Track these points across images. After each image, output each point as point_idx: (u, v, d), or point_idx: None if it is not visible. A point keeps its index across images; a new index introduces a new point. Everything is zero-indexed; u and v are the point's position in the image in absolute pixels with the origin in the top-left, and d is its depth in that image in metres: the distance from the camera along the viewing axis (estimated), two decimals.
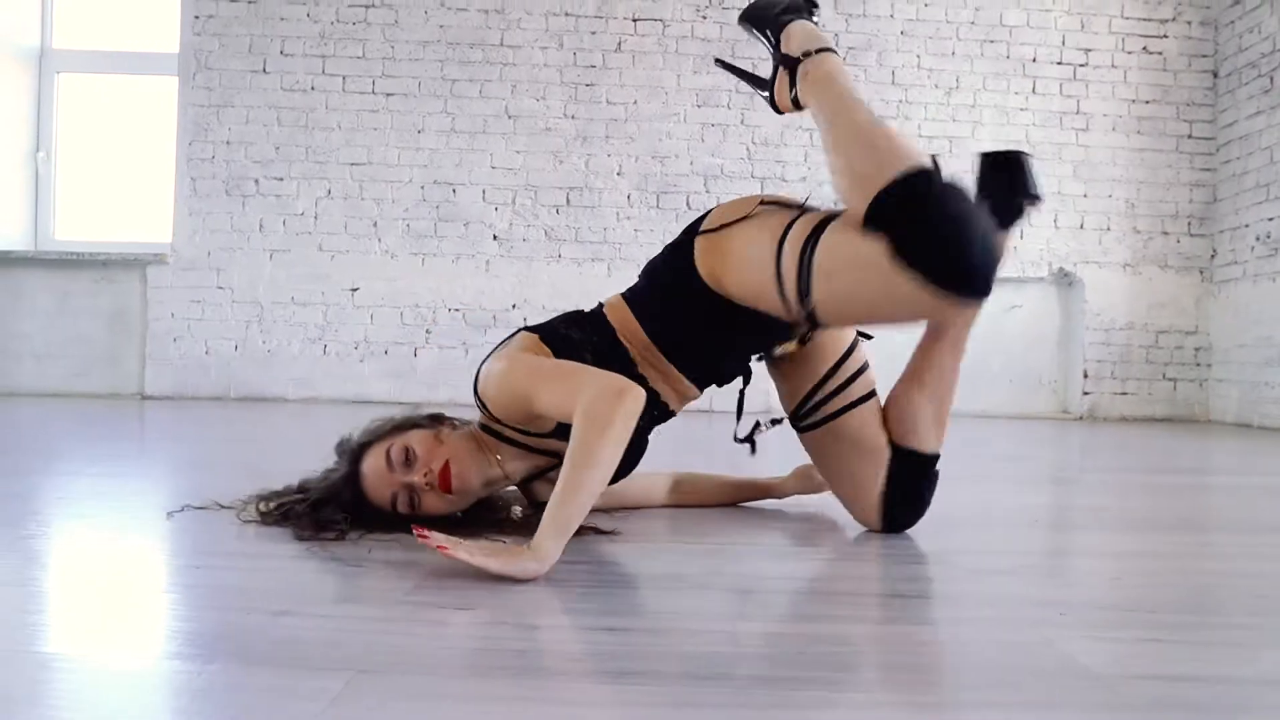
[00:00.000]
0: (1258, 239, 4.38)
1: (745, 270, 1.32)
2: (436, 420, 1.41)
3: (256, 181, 4.51)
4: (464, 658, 0.83)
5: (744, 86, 4.54)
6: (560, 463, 1.19)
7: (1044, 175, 4.60)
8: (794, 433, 1.52)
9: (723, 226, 1.37)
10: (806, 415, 1.47)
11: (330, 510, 1.29)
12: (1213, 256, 4.74)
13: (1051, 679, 0.80)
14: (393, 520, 1.28)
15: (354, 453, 1.34)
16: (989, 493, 2.06)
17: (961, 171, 1.27)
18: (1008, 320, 4.74)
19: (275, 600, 0.98)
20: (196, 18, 4.49)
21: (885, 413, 1.46)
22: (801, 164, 4.59)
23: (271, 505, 1.35)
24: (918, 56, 4.64)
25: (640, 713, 0.71)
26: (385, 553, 1.21)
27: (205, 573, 1.12)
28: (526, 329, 1.42)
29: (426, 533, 1.05)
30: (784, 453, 1.80)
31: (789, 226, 1.27)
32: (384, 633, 0.89)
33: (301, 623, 0.91)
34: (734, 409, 1.54)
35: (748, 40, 4.67)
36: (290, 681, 0.75)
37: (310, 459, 1.46)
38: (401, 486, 1.28)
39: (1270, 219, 4.30)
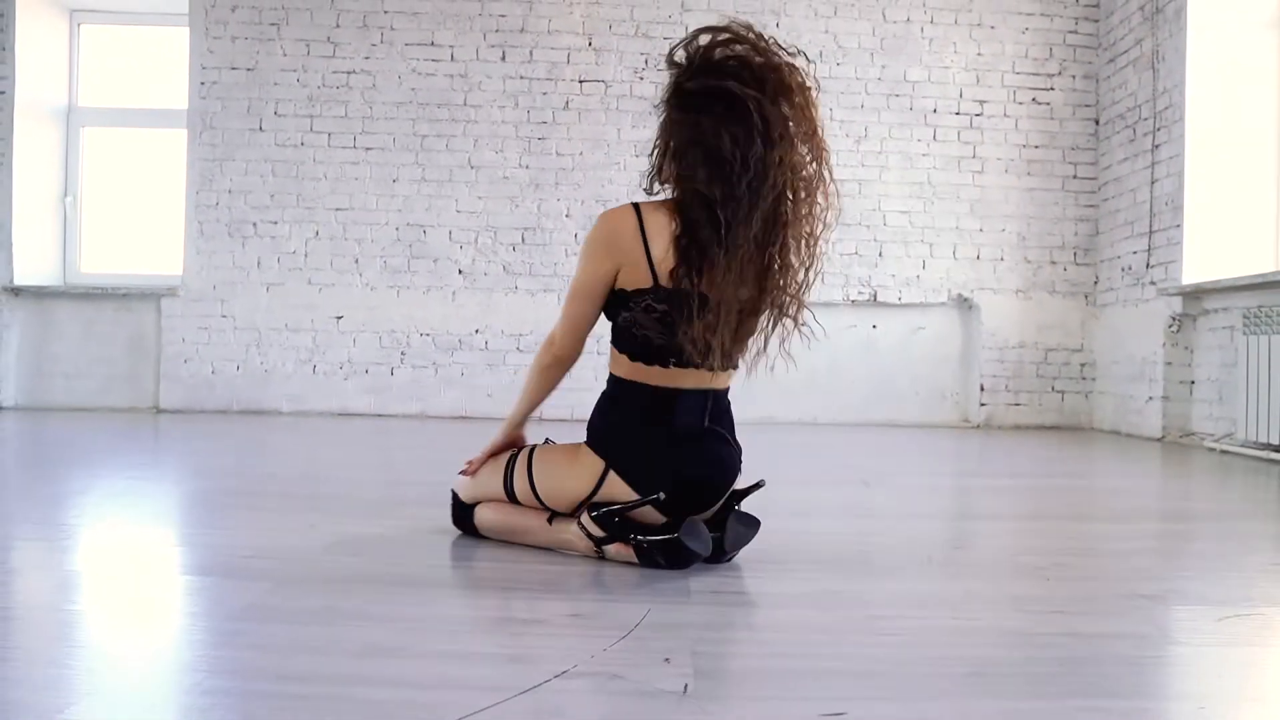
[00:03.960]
0: (1124, 269, 5.01)
1: None
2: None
3: (255, 225, 5.19)
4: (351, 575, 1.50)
5: None
6: None
7: (945, 213, 5.27)
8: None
9: None
10: None
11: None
12: (1095, 283, 5.37)
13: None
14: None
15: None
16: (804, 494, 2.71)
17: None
18: (914, 340, 5.38)
19: (244, 550, 1.66)
20: (203, 83, 5.18)
21: None
22: None
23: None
24: (830, 109, 5.26)
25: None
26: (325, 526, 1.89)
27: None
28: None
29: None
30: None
31: None
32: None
33: (258, 561, 1.58)
34: None
35: None
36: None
37: (306, 464, 2.13)
38: None
39: (1134, 252, 4.92)
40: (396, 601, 1.35)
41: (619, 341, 1.62)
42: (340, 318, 5.18)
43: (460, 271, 5.19)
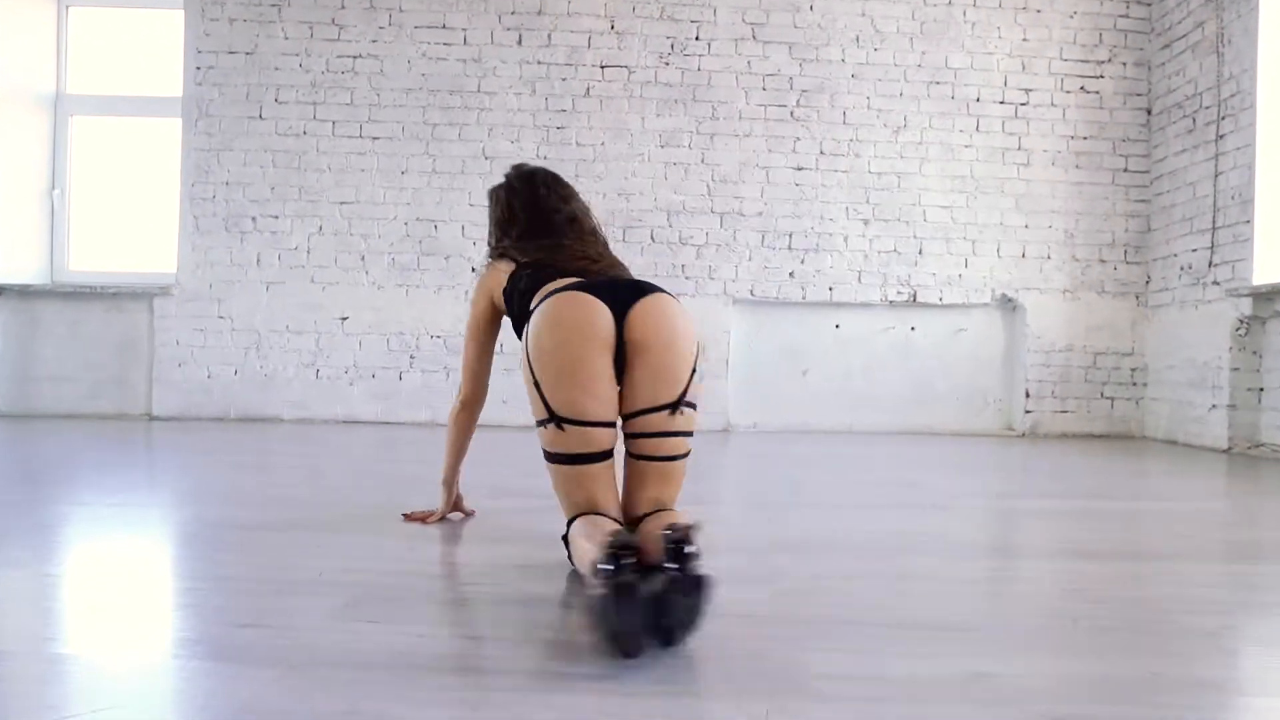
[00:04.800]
0: (1183, 269, 4.70)
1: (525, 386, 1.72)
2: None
3: (254, 219, 4.87)
4: (366, 657, 1.18)
5: (704, 128, 4.89)
6: None
7: (988, 208, 4.96)
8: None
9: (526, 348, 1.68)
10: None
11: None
12: (1147, 283, 5.06)
13: (775, 680, 1.14)
14: None
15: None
16: (853, 519, 2.39)
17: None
18: (954, 343, 5.06)
19: (241, 616, 1.34)
20: (198, 68, 4.86)
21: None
22: (758, 199, 4.93)
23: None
24: (868, 98, 4.96)
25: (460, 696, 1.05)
26: (334, 576, 1.58)
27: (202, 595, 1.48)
28: None
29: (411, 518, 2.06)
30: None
31: (541, 423, 1.60)
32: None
33: (259, 632, 1.26)
34: None
35: (708, 85, 5.02)
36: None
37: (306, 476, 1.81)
38: None
39: (1194, 250, 4.61)
40: (438, 700, 1.03)
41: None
42: (345, 319, 4.86)
43: (474, 269, 4.87)
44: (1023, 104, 5.01)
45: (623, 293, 1.61)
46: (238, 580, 1.55)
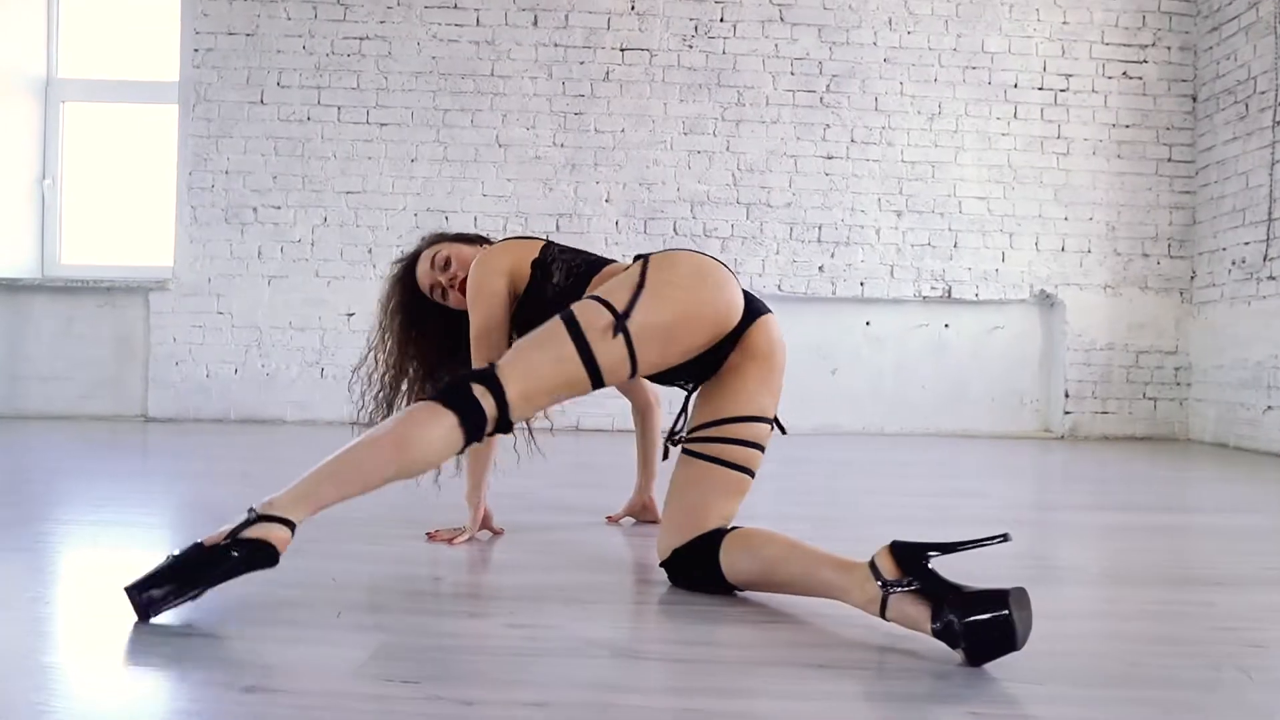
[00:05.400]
0: (1234, 263, 4.46)
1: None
2: (475, 240, 2.00)
3: (255, 210, 4.63)
4: None
5: (729, 114, 4.65)
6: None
7: (1027, 199, 4.72)
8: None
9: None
10: (691, 440, 1.58)
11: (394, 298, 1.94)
12: (1192, 278, 4.82)
13: None
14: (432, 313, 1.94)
15: (415, 252, 1.97)
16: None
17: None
18: (990, 341, 4.83)
19: (245, 675, 1.10)
20: (195, 50, 4.61)
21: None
22: (786, 189, 4.69)
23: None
24: (901, 83, 4.72)
25: None
26: (353, 615, 1.34)
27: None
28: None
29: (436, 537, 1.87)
30: None
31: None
32: (335, 713, 1.00)
33: (264, 697, 1.02)
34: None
35: (734, 69, 4.78)
36: None
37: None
38: (436, 283, 1.90)
39: (1246, 244, 4.37)
40: None
41: None
42: (352, 315, 4.62)
43: None
44: (1062, 90, 4.78)
45: (750, 300, 1.64)
46: (241, 623, 1.31)
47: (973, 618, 1.12)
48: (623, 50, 4.64)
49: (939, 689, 1.10)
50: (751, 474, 1.56)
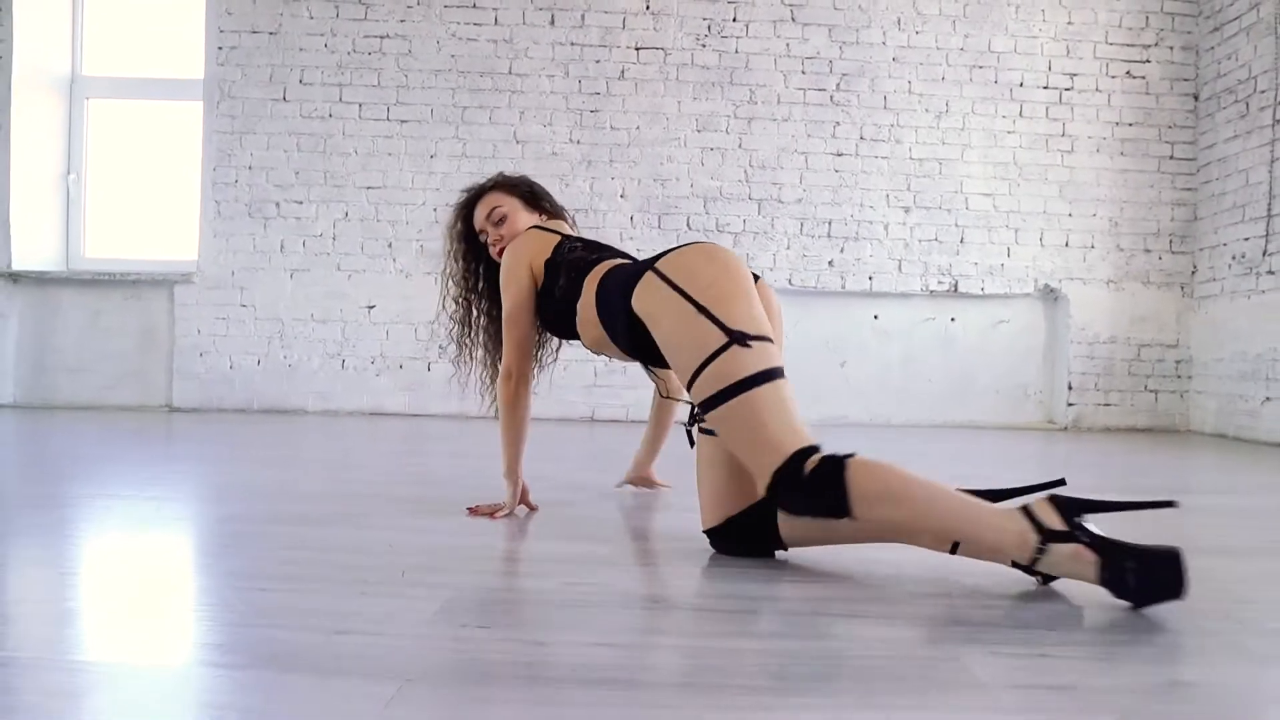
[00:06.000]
0: (1234, 258, 4.57)
1: (671, 337, 1.55)
2: (536, 205, 2.12)
3: (277, 204, 4.74)
4: (482, 668, 1.05)
5: (741, 112, 4.75)
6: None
7: (1031, 196, 4.83)
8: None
9: (671, 284, 1.56)
10: (696, 418, 1.68)
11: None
12: (1193, 273, 4.93)
13: (946, 688, 1.02)
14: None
15: (466, 191, 2.15)
16: None
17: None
18: (995, 334, 4.94)
19: (329, 621, 1.21)
20: (220, 49, 4.71)
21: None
22: (797, 185, 4.79)
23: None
24: (909, 82, 4.83)
25: (616, 713, 0.93)
26: (416, 575, 1.45)
27: (252, 594, 1.35)
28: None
29: (477, 512, 1.95)
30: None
31: (718, 353, 1.47)
32: (422, 648, 1.11)
33: (351, 639, 1.14)
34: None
35: (746, 67, 4.88)
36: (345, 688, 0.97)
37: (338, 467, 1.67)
38: (484, 231, 2.08)
39: (1246, 239, 4.48)
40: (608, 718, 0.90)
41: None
42: (372, 307, 4.73)
43: None
44: (1067, 89, 4.88)
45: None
46: (318, 579, 1.42)
47: (1151, 568, 1.25)
48: (638, 49, 4.74)
49: (971, 632, 1.21)
50: None
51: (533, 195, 2.11)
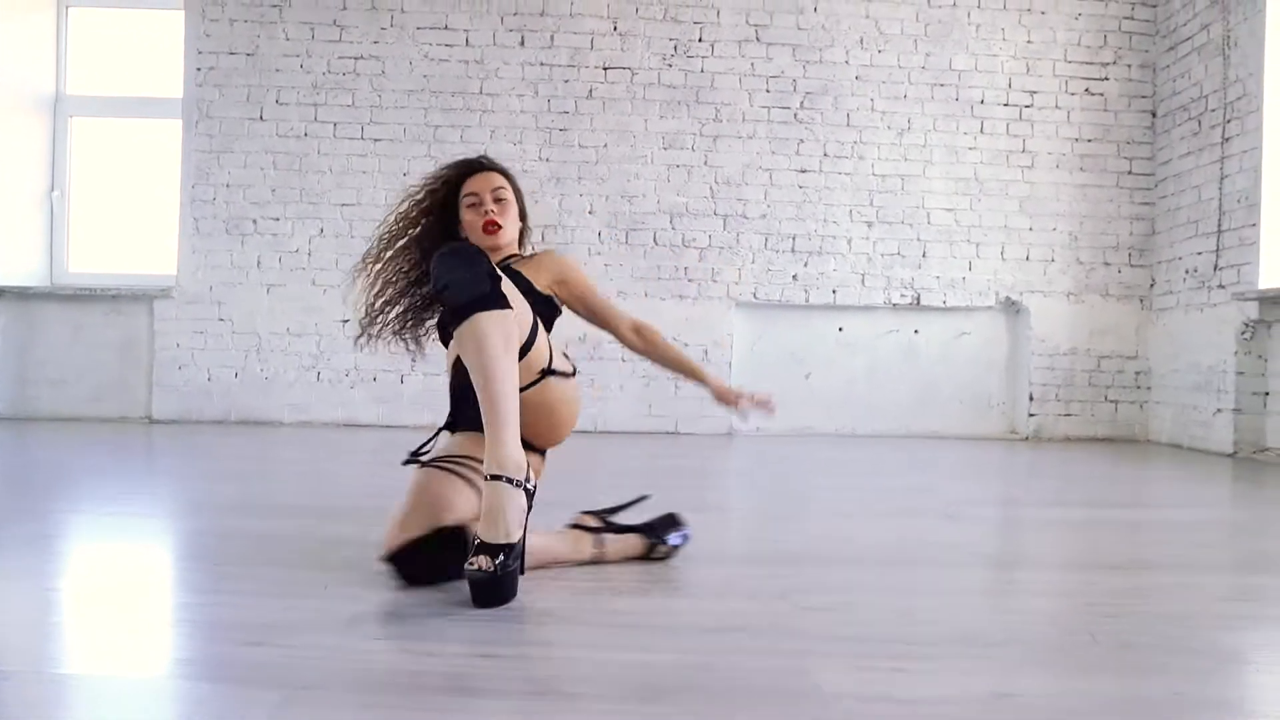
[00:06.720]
0: (1188, 272, 4.68)
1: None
2: (524, 213, 2.03)
3: (254, 221, 4.85)
4: (377, 678, 1.16)
5: (707, 130, 4.86)
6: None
7: (992, 210, 4.94)
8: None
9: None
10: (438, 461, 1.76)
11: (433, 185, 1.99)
12: (1151, 285, 5.04)
13: (789, 700, 1.12)
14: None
15: (482, 159, 2.02)
16: (861, 528, 2.37)
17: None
18: (958, 346, 5.05)
19: (249, 632, 1.32)
20: (199, 69, 4.83)
21: None
22: (761, 201, 4.90)
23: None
24: (871, 100, 4.94)
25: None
26: (338, 589, 1.55)
27: (200, 609, 1.45)
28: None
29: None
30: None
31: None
32: (318, 658, 1.22)
33: (266, 651, 1.24)
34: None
35: (711, 86, 4.97)
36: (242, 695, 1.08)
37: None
38: (477, 205, 1.91)
39: (1199, 253, 4.59)
40: None
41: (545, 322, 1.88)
42: (346, 321, 4.84)
43: None
44: (1027, 106, 4.99)
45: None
46: (239, 595, 1.53)
47: (673, 531, 1.86)
48: (605, 69, 4.86)
49: (827, 646, 1.32)
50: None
51: (523, 209, 2.03)
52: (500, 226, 1.89)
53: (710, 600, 1.58)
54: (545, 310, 1.87)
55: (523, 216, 2.01)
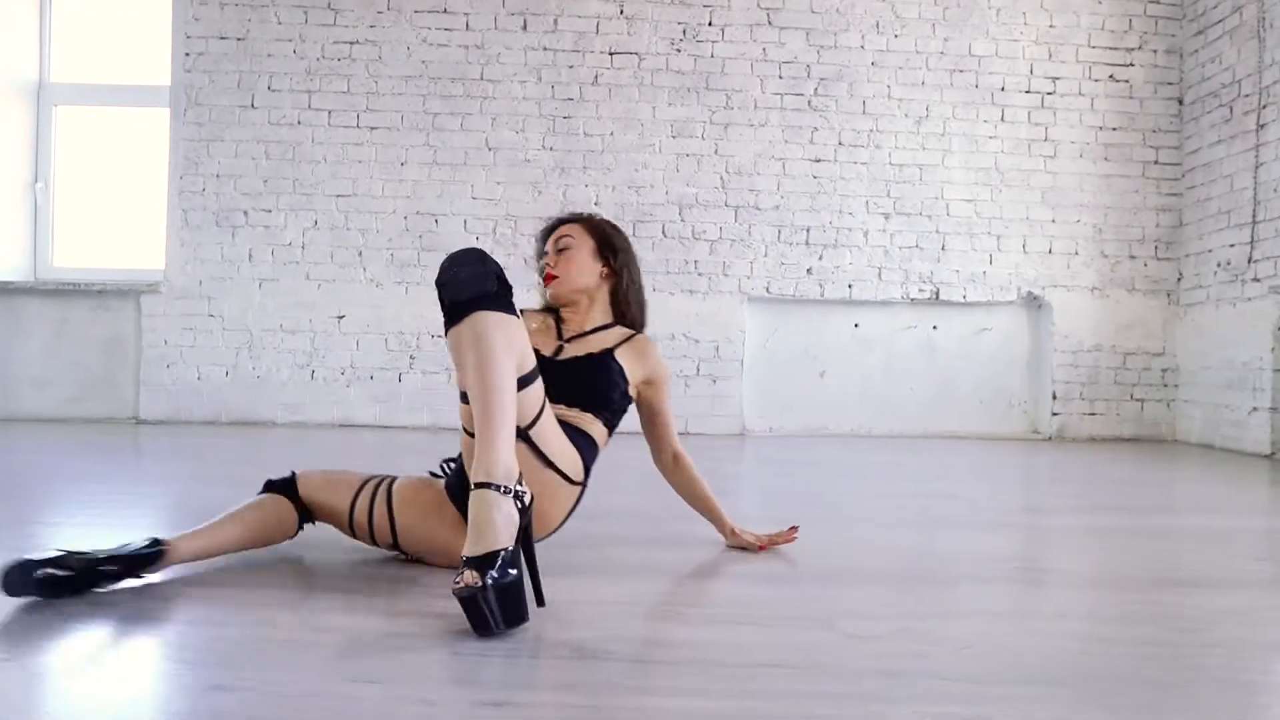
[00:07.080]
0: (1219, 265, 4.49)
1: None
2: (608, 254, 1.86)
3: (246, 213, 4.65)
4: None
5: (717, 117, 4.67)
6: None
7: (1014, 202, 4.75)
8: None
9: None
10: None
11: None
12: (1179, 279, 4.85)
13: None
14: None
15: (560, 215, 1.95)
16: (890, 538, 2.18)
17: None
18: (978, 343, 4.86)
19: (211, 673, 1.13)
20: (187, 55, 4.63)
21: None
22: (774, 192, 4.71)
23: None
24: (888, 86, 4.75)
25: None
26: (325, 618, 1.36)
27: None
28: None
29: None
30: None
31: None
32: (302, 707, 1.03)
33: (230, 696, 1.05)
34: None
35: (722, 72, 4.80)
36: None
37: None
38: (547, 250, 1.86)
39: (1231, 245, 4.40)
40: None
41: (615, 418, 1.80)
42: (342, 317, 4.64)
43: None
44: (1049, 93, 4.80)
45: None
46: (223, 625, 1.34)
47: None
48: (611, 54, 4.66)
49: (889, 688, 1.13)
50: None
51: (608, 243, 1.87)
52: (555, 276, 1.84)
53: (748, 630, 1.38)
54: (621, 404, 1.80)
55: (612, 258, 1.86)
